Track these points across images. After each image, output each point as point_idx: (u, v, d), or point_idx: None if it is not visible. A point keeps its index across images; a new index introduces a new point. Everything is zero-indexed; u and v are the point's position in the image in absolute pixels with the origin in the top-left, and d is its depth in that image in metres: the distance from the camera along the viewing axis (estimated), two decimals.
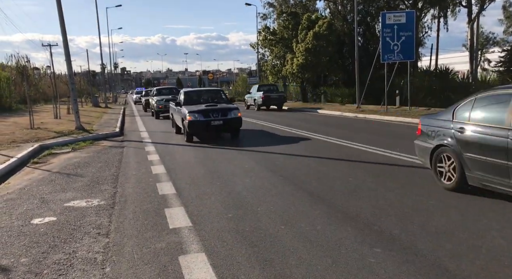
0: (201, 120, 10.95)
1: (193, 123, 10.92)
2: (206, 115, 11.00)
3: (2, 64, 35.71)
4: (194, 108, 11.28)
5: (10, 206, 5.58)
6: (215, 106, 11.52)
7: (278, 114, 22.05)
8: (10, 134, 13.14)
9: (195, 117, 10.93)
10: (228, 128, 11.42)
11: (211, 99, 12.87)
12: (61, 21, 14.47)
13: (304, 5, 35.76)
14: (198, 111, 11.02)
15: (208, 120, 11.00)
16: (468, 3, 30.83)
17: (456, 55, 45.57)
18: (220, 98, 13.14)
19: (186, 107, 11.52)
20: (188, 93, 13.19)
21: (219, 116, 11.08)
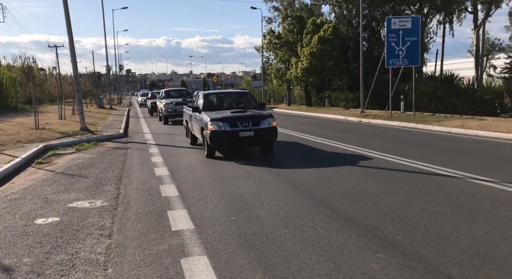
0: (227, 130, 8.75)
1: (216, 134, 8.74)
2: (233, 124, 8.81)
3: (9, 65, 35.96)
4: (217, 115, 9.14)
5: (14, 206, 5.60)
6: (243, 113, 9.29)
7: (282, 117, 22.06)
8: (15, 134, 13.22)
9: (219, 126, 8.75)
10: (261, 140, 9.19)
11: (236, 104, 10.46)
12: (67, 22, 14.57)
13: (309, 9, 35.80)
14: (222, 119, 8.88)
15: (235, 130, 8.76)
16: (474, 9, 30.77)
17: (462, 61, 45.44)
18: (248, 102, 10.68)
19: (206, 114, 9.29)
20: (209, 96, 10.83)
21: (249, 126, 8.84)
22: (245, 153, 9.76)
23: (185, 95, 20.53)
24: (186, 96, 20.35)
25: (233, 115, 9.14)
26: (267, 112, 9.76)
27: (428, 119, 16.01)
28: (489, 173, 6.65)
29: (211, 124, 8.79)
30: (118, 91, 62.80)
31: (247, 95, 11.32)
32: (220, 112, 9.40)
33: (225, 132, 8.77)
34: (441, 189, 5.90)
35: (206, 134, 8.93)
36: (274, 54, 35.26)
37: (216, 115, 9.09)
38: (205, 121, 9.03)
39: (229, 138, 8.81)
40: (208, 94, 10.95)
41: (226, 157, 9.22)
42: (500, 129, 11.82)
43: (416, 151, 9.22)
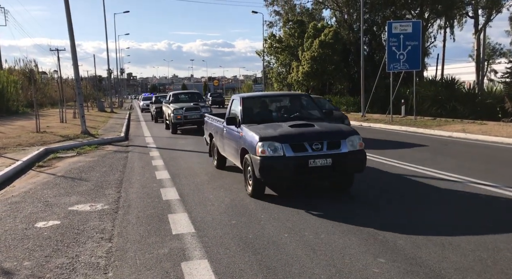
0: (289, 157, 5.47)
1: (270, 162, 5.48)
2: (298, 147, 5.54)
3: (10, 68, 36.07)
4: (270, 130, 5.83)
5: (15, 209, 5.60)
6: (311, 128, 5.95)
7: None
8: (16, 138, 13.23)
9: (275, 150, 5.49)
10: (341, 172, 5.78)
11: (290, 112, 7.08)
12: (69, 26, 14.62)
13: (310, 14, 35.93)
14: (280, 138, 5.57)
15: (302, 157, 5.48)
16: (474, 14, 30.87)
17: (462, 65, 45.49)
18: (308, 109, 7.35)
19: (251, 129, 6.04)
20: (250, 102, 7.29)
21: (323, 149, 5.56)
22: None
23: (197, 99, 17.60)
24: (198, 100, 17.47)
25: (295, 131, 5.79)
26: (347, 127, 6.63)
27: (429, 123, 16.01)
28: (490, 177, 6.63)
29: (261, 145, 5.49)
30: (119, 94, 62.89)
31: (304, 98, 7.68)
32: (272, 126, 6.04)
33: (286, 159, 5.43)
34: (442, 193, 5.88)
35: (252, 162, 5.65)
36: (275, 58, 35.37)
37: (268, 131, 5.77)
38: (251, 141, 5.77)
39: (291, 169, 5.45)
40: (248, 99, 7.33)
41: (228, 160, 9.17)
42: (501, 134, 11.81)
43: (416, 156, 9.20)
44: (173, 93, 18.53)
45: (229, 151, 7.04)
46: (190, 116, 15.40)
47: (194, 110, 15.41)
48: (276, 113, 7.20)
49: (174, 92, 19.16)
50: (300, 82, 29.80)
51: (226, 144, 7.19)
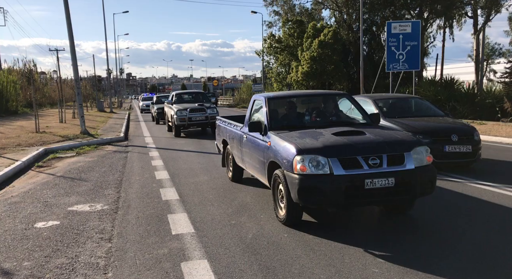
0: (339, 175, 4.19)
1: (314, 183, 4.22)
2: (350, 162, 4.26)
3: (10, 68, 36.03)
4: (309, 140, 4.59)
5: (14, 209, 5.59)
6: (363, 136, 4.66)
7: None
8: (15, 138, 13.23)
9: (319, 166, 4.25)
10: (407, 195, 4.37)
11: (327, 116, 5.86)
12: (68, 26, 14.62)
13: (309, 14, 35.95)
14: (326, 150, 4.33)
15: (356, 176, 4.20)
16: (474, 14, 30.90)
17: (462, 65, 45.57)
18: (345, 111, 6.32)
19: (283, 138, 4.81)
20: (277, 103, 6.00)
21: (382, 164, 4.28)
22: None
23: (201, 100, 16.18)
24: (203, 100, 16.16)
25: (344, 140, 4.47)
26: (407, 134, 5.41)
27: None
28: (490, 177, 6.64)
29: (301, 160, 4.22)
30: (119, 94, 62.85)
31: (343, 98, 6.48)
32: (309, 134, 4.75)
33: (335, 179, 4.13)
34: (442, 193, 5.89)
35: (287, 180, 4.36)
36: (274, 58, 35.39)
37: (307, 141, 4.50)
38: (284, 153, 4.49)
39: (342, 192, 4.13)
40: (276, 99, 5.95)
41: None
42: (501, 134, 11.82)
43: None
44: (176, 93, 16.89)
45: (251, 163, 5.74)
46: (194, 118, 14.24)
47: (199, 112, 14.33)
48: (308, 117, 5.78)
49: (177, 92, 17.55)
50: (299, 82, 29.82)
51: (247, 154, 5.87)
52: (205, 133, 15.06)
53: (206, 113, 14.40)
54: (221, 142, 7.57)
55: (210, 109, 14.64)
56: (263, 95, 6.09)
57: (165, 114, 17.01)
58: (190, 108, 14.36)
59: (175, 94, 16.68)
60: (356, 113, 5.91)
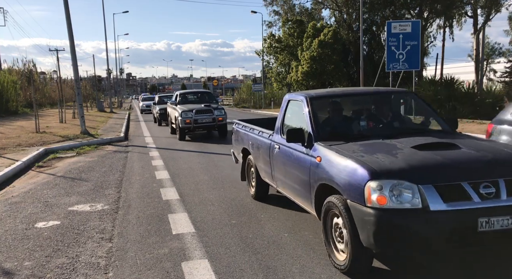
0: (439, 212, 2.85)
1: (401, 223, 2.88)
2: (454, 191, 2.92)
3: (10, 68, 36.04)
4: (383, 157, 3.26)
5: (15, 209, 5.60)
6: (461, 152, 3.33)
7: None
8: (15, 138, 13.23)
9: (408, 197, 2.93)
10: None
11: (388, 121, 4.55)
12: (68, 26, 14.62)
13: (309, 14, 35.98)
14: (415, 173, 3.00)
15: (464, 212, 2.87)
16: (474, 14, 30.92)
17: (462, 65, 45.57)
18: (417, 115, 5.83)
19: (340, 152, 3.52)
20: (323, 105, 4.68)
21: (500, 194, 2.94)
22: None
23: (208, 100, 14.98)
24: (210, 100, 14.98)
25: (437, 157, 3.19)
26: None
27: None
28: None
29: (378, 187, 2.97)
30: (119, 94, 62.85)
31: (407, 97, 5.77)
32: (378, 147, 3.58)
33: (432, 216, 2.85)
34: None
35: (354, 215, 3.14)
36: (274, 58, 35.42)
37: (382, 159, 3.23)
38: (351, 177, 3.20)
39: (444, 236, 2.87)
40: (320, 99, 4.65)
41: (227, 160, 9.17)
42: None
43: None
44: (180, 93, 15.75)
45: (287, 182, 4.45)
46: (201, 120, 13.09)
47: (205, 113, 13.19)
48: (364, 122, 4.41)
49: (181, 92, 16.36)
50: (299, 82, 29.85)
51: (279, 170, 4.61)
52: (211, 136, 14.20)
53: (213, 114, 13.21)
54: (240, 151, 6.26)
55: (217, 110, 13.44)
56: (302, 94, 4.65)
57: (168, 115, 16.01)
58: (196, 109, 13.19)
59: (179, 93, 15.49)
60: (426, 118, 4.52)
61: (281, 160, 4.58)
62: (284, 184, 4.61)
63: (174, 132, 14.56)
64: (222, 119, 13.38)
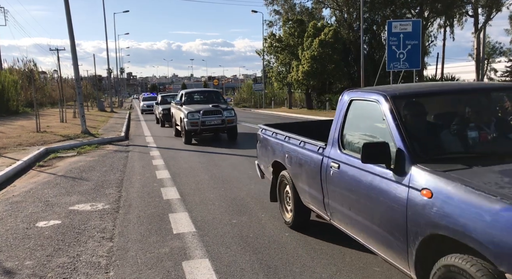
0: None
1: None
2: None
3: (10, 68, 36.06)
4: None
5: (16, 209, 5.61)
6: None
7: None
8: (16, 137, 13.24)
9: None
10: None
11: (503, 129, 3.22)
12: (69, 26, 14.62)
13: (310, 13, 35.95)
14: None
15: None
16: (474, 13, 30.90)
17: (462, 64, 45.54)
18: None
19: (481, 186, 2.15)
20: (418, 108, 3.18)
21: None
22: (250, 158, 9.72)
23: (215, 100, 13.85)
24: (217, 100, 13.89)
25: None
26: None
27: None
28: None
29: None
30: (119, 94, 62.87)
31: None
32: None
33: None
34: None
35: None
36: (275, 58, 35.37)
37: None
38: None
39: None
40: (412, 98, 3.27)
41: (227, 159, 9.17)
42: None
43: None
44: (186, 92, 14.61)
45: (356, 219, 3.16)
46: (209, 122, 12.08)
47: (214, 114, 12.18)
48: (475, 133, 3.00)
49: (187, 91, 15.13)
50: (300, 81, 29.83)
51: (340, 199, 3.38)
52: (218, 138, 13.35)
53: (223, 116, 12.20)
54: (270, 164, 4.99)
55: (227, 111, 12.39)
56: (376, 91, 3.25)
57: (172, 116, 15.02)
58: (203, 110, 12.16)
59: (185, 93, 14.46)
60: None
61: (344, 185, 3.29)
62: (348, 220, 3.31)
63: (178, 134, 13.55)
64: (232, 121, 12.37)
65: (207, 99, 14.04)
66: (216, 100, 13.93)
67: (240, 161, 9.04)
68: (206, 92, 15.56)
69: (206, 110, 12.21)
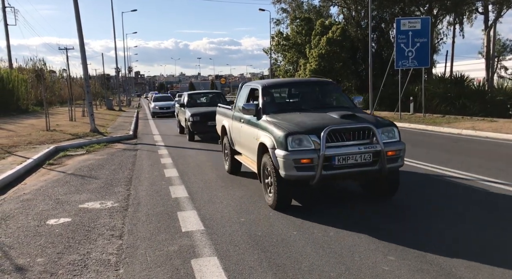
0: None
1: None
2: None
3: (20, 67, 36.42)
4: None
5: (27, 207, 5.67)
6: None
7: None
8: (26, 136, 13.39)
9: None
10: None
11: None
12: (78, 25, 14.72)
13: (317, 11, 35.80)
14: None
15: None
16: (484, 10, 30.49)
17: (472, 62, 44.99)
18: None
19: None
20: None
21: None
22: None
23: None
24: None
25: None
26: None
27: (438, 120, 15.88)
28: (501, 175, 6.57)
29: None
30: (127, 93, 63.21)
31: None
32: None
33: None
34: (452, 191, 5.84)
35: None
36: (282, 56, 35.34)
37: None
38: None
39: None
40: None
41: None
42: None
43: (425, 153, 9.14)
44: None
45: None
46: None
47: None
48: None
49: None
50: None
51: None
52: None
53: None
54: None
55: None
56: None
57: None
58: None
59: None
60: None
61: None
62: None
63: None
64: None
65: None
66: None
67: None
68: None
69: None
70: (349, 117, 5.17)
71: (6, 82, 25.82)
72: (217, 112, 8.42)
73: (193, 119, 12.31)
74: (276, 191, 4.99)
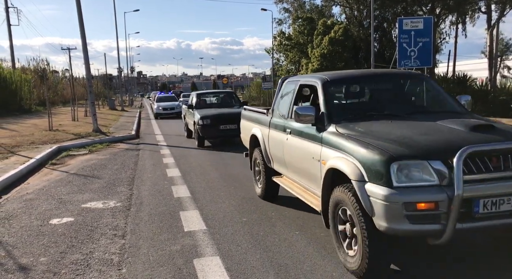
0: None
1: None
2: None
3: (23, 67, 36.53)
4: None
5: (29, 206, 5.70)
6: None
7: None
8: (29, 136, 13.43)
9: None
10: None
11: None
12: (80, 25, 14.77)
13: (319, 11, 35.81)
14: None
15: None
16: (487, 9, 30.39)
17: (474, 61, 44.87)
18: None
19: None
20: None
21: None
22: None
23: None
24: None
25: None
26: None
27: None
28: None
29: None
30: (130, 93, 63.31)
31: None
32: None
33: None
34: None
35: None
36: (284, 56, 35.35)
37: None
38: None
39: None
40: None
41: (237, 158, 9.17)
42: None
43: None
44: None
45: None
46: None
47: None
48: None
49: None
50: None
51: None
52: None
53: None
54: None
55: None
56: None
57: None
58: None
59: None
60: None
61: None
62: None
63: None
64: None
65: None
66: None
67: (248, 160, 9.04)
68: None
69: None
70: (487, 129, 3.19)
71: (9, 82, 25.93)
72: (243, 117, 6.57)
73: (203, 122, 10.74)
74: (365, 252, 3.04)
